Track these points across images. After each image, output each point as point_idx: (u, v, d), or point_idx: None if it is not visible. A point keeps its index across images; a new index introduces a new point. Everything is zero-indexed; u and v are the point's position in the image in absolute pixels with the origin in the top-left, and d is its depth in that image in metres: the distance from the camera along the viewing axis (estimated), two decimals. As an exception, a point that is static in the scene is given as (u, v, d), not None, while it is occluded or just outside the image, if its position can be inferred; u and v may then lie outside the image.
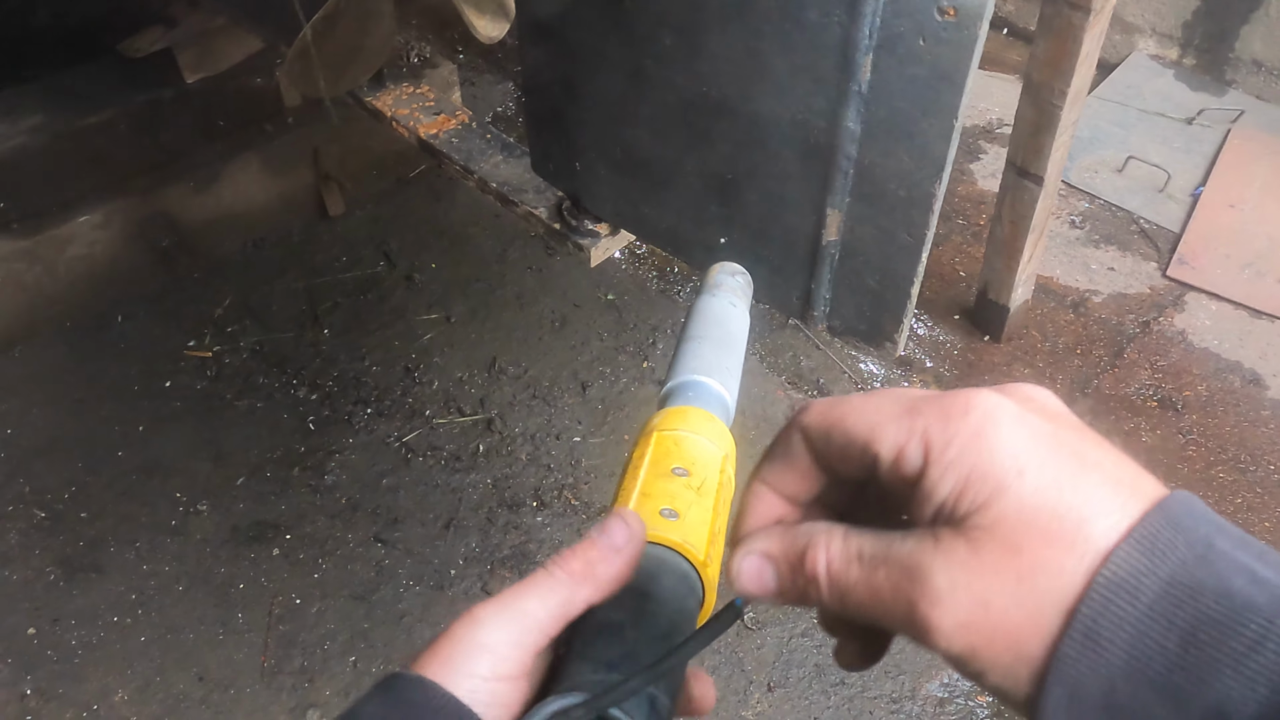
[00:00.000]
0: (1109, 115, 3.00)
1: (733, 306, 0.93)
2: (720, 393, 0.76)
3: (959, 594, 0.35)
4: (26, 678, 1.70)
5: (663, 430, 0.67)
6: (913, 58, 0.97)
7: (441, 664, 0.43)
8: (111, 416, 2.11)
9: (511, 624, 0.44)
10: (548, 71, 1.37)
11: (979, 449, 0.36)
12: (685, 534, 0.56)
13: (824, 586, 0.39)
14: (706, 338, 0.84)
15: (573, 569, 0.47)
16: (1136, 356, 2.32)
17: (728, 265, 1.03)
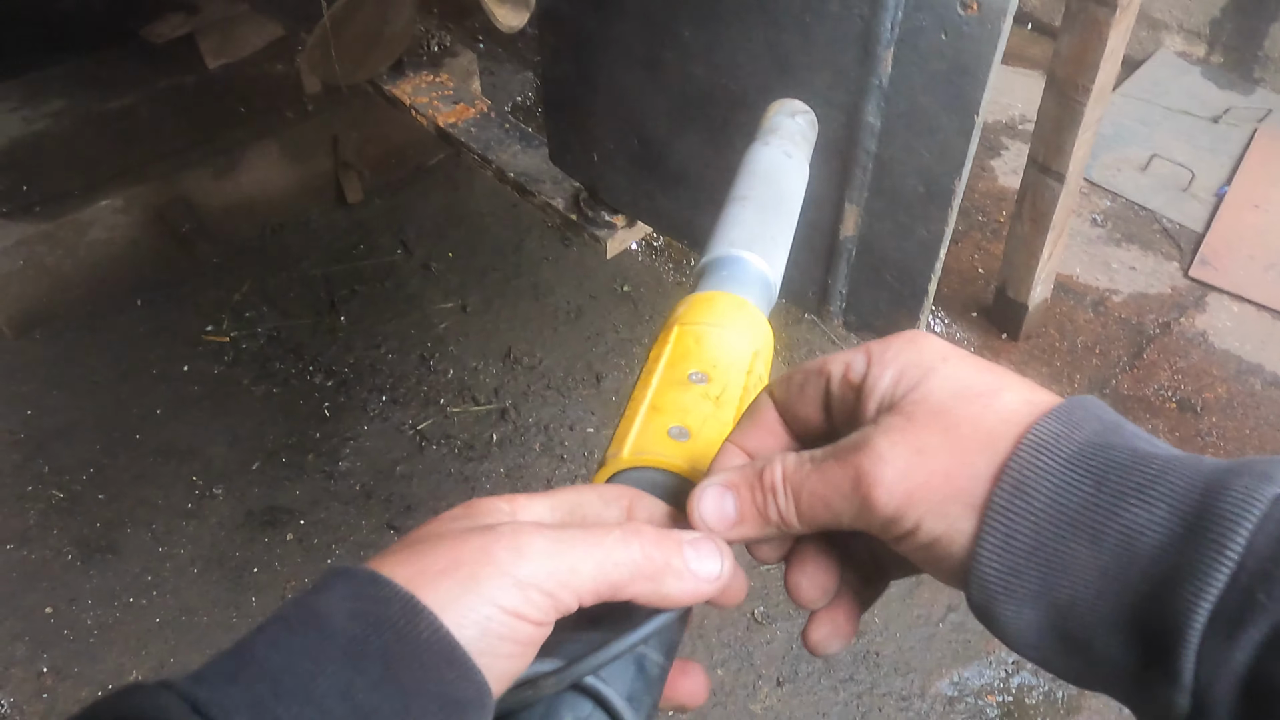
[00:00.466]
0: (1133, 112, 2.97)
1: (787, 157, 0.80)
2: (760, 270, 0.66)
3: (897, 450, 0.39)
4: (43, 656, 1.72)
5: (684, 324, 0.59)
6: (934, 52, 0.96)
7: (465, 579, 0.37)
8: (129, 399, 2.12)
9: (556, 574, 0.38)
10: (566, 61, 1.37)
11: (911, 349, 0.43)
12: (694, 458, 0.51)
13: (779, 493, 0.42)
14: (750, 199, 0.73)
15: (652, 557, 0.41)
16: (1156, 357, 2.30)
17: (788, 104, 0.88)
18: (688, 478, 0.50)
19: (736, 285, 0.64)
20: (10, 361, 2.19)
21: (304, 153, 2.48)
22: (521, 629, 0.38)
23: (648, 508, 0.46)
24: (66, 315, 2.28)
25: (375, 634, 0.35)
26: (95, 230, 2.24)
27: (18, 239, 2.14)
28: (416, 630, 0.35)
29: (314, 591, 0.37)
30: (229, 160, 2.38)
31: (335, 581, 0.37)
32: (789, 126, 0.84)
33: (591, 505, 0.45)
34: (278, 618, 0.36)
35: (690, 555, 0.42)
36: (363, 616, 0.35)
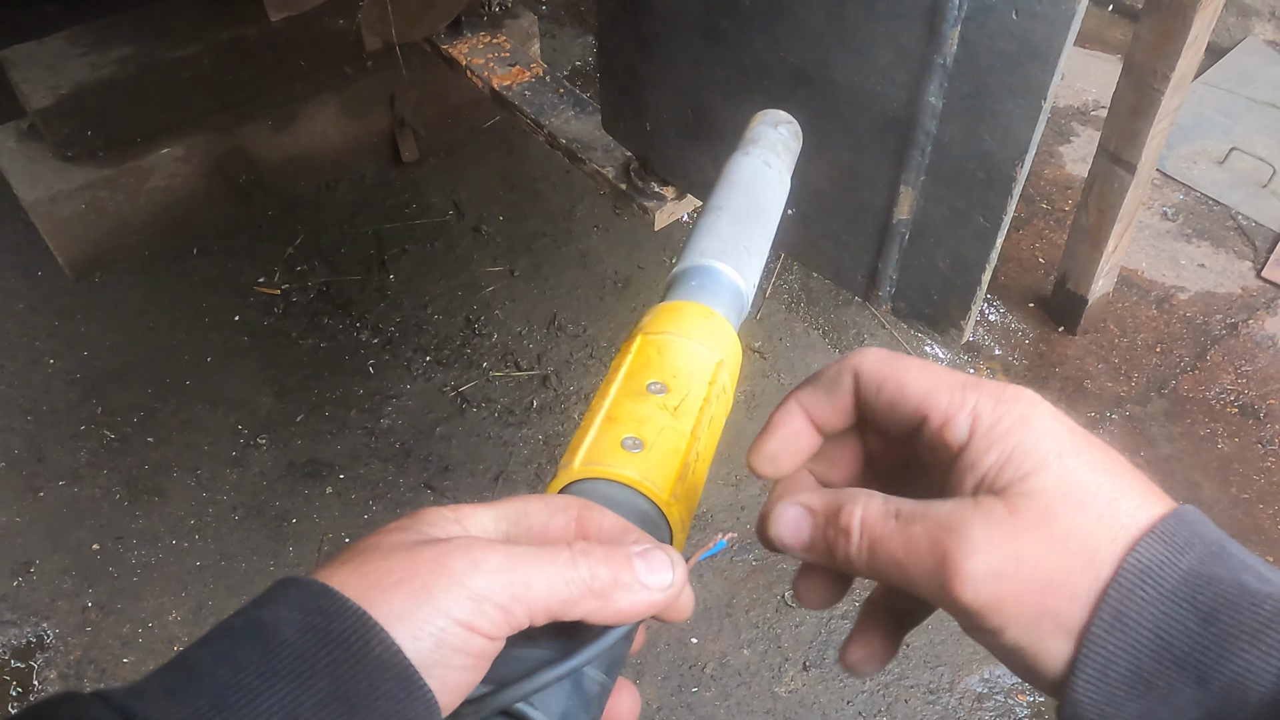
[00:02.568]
0: (1214, 102, 2.84)
1: (766, 167, 0.79)
2: (732, 280, 0.65)
3: (994, 545, 0.37)
4: (89, 590, 1.78)
5: (647, 334, 0.58)
6: (1003, 32, 0.92)
7: (419, 591, 0.36)
8: (182, 346, 2.17)
9: (509, 588, 0.38)
10: (623, 28, 1.34)
11: (1024, 429, 0.39)
12: (647, 469, 0.50)
13: (854, 538, 0.41)
14: (725, 209, 0.72)
15: (599, 576, 0.40)
16: (1220, 359, 2.22)
17: (771, 114, 0.87)
18: (638, 489, 0.49)
19: (705, 295, 0.63)
20: (71, 303, 2.24)
21: (361, 109, 2.49)
22: (475, 642, 0.37)
23: (596, 519, 0.45)
24: (125, 260, 2.32)
25: (324, 650, 0.34)
26: (156, 178, 2.28)
27: (81, 183, 2.18)
28: (367, 646, 0.34)
29: (263, 603, 0.36)
30: (288, 114, 2.40)
31: (285, 593, 0.36)
32: (770, 137, 0.83)
33: (538, 515, 0.44)
34: (224, 629, 0.35)
35: (640, 567, 0.41)
36: (312, 631, 0.35)
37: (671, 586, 0.42)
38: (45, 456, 1.96)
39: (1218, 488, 1.98)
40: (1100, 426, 2.09)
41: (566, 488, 0.51)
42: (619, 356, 0.58)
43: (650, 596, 0.41)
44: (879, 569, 0.40)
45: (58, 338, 2.17)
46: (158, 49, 2.23)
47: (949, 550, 0.37)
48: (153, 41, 2.24)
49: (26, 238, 2.28)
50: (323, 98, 2.42)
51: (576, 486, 0.50)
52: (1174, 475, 2.00)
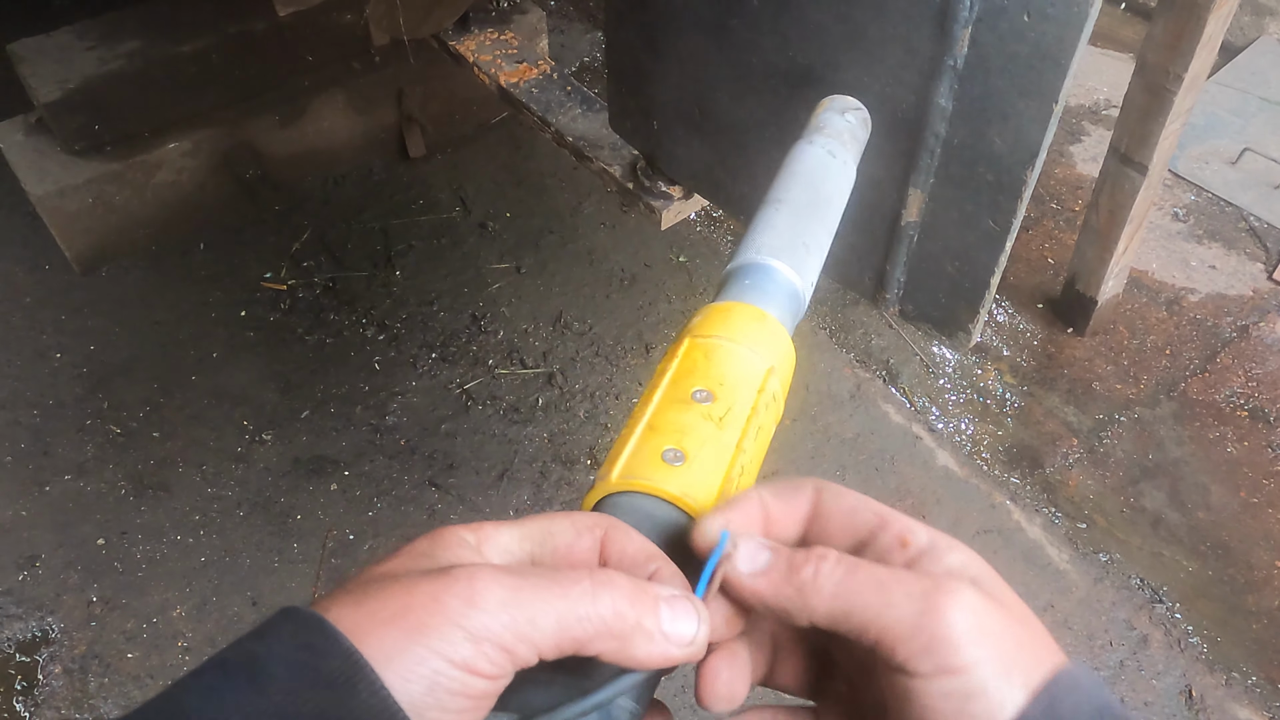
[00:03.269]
0: (1227, 102, 2.82)
1: (831, 157, 0.74)
2: (788, 279, 0.61)
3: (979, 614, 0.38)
4: (93, 585, 1.78)
5: (695, 337, 0.55)
6: (1015, 34, 0.91)
7: (412, 629, 0.34)
8: (188, 341, 2.17)
9: (514, 626, 0.35)
10: (630, 25, 1.33)
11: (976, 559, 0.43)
12: (688, 484, 0.47)
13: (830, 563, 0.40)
14: (785, 202, 0.67)
15: (623, 615, 0.38)
16: (1230, 362, 2.20)
17: (839, 100, 0.81)
18: (678, 504, 0.47)
19: (759, 296, 0.59)
20: (78, 297, 2.25)
21: (369, 105, 2.48)
22: (474, 684, 0.35)
23: (620, 541, 0.43)
24: (132, 254, 2.32)
25: (311, 690, 0.33)
26: (163, 172, 2.28)
27: (88, 177, 2.18)
28: (354, 689, 0.33)
29: (258, 635, 0.35)
30: (295, 109, 2.39)
31: (281, 625, 0.35)
32: (837, 124, 0.78)
33: (564, 535, 0.42)
34: (217, 661, 0.34)
35: (665, 615, 0.39)
36: (302, 669, 0.33)
37: (693, 644, 0.40)
38: (51, 450, 1.97)
39: (1227, 492, 1.97)
40: (1108, 429, 2.08)
41: (603, 500, 0.48)
42: (664, 360, 0.55)
43: (669, 650, 0.39)
44: (851, 594, 0.40)
45: (64, 332, 2.18)
46: (165, 43, 2.23)
47: (941, 581, 0.39)
48: (160, 36, 2.24)
49: (34, 231, 2.28)
50: (330, 93, 2.42)
51: (613, 500, 0.48)
52: (1183, 479, 1.99)
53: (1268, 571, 1.85)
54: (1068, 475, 2.00)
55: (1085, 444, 2.05)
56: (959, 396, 2.14)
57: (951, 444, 2.04)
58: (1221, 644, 1.76)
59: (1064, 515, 1.93)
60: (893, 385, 2.15)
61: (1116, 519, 1.93)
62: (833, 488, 0.45)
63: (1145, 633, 1.76)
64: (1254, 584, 1.84)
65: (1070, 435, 2.07)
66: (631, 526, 0.44)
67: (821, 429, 2.03)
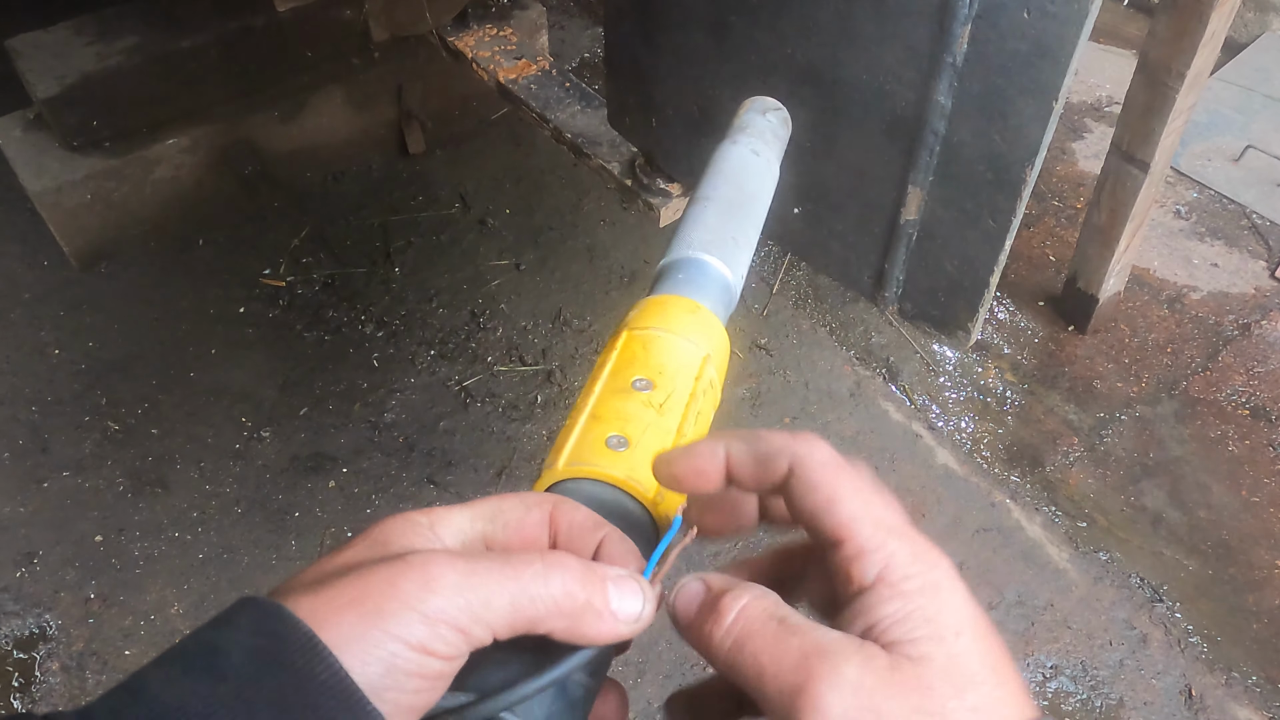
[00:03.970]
0: (1230, 99, 2.81)
1: (755, 156, 0.77)
2: (719, 272, 0.64)
3: (862, 691, 0.36)
4: (91, 582, 1.78)
5: (633, 329, 0.57)
6: (1015, 31, 0.90)
7: (370, 613, 0.35)
8: (186, 338, 2.16)
9: (468, 608, 0.37)
10: (629, 22, 1.33)
11: (932, 595, 0.38)
12: (632, 468, 0.49)
13: (724, 623, 0.39)
14: (713, 200, 0.71)
15: (573, 594, 0.39)
16: (1232, 360, 2.19)
17: (760, 101, 0.86)
18: (623, 488, 0.49)
19: (693, 289, 0.62)
20: (76, 293, 2.24)
21: (368, 101, 2.48)
22: (430, 664, 0.36)
23: (568, 513, 0.44)
24: (131, 251, 2.32)
25: (271, 674, 0.34)
26: (161, 169, 2.27)
27: (86, 173, 2.18)
28: (313, 671, 0.34)
29: (217, 624, 0.36)
30: (294, 105, 2.39)
31: (240, 614, 0.36)
32: (759, 124, 0.82)
33: (514, 511, 0.43)
34: (178, 650, 0.35)
35: (613, 594, 0.40)
36: (261, 654, 0.34)
37: (639, 620, 0.41)
38: (49, 447, 1.96)
39: (1228, 490, 1.96)
40: (1109, 427, 2.07)
41: (551, 488, 0.50)
42: (604, 353, 0.57)
43: (617, 627, 0.40)
44: (737, 665, 0.39)
45: (63, 328, 2.17)
46: (164, 39, 2.22)
47: (816, 676, 0.36)
48: (159, 31, 2.23)
49: (32, 227, 2.28)
50: (329, 89, 2.41)
51: (561, 486, 0.50)
52: (1184, 478, 1.98)
53: (1268, 571, 1.85)
54: (1068, 474, 1.99)
55: (1086, 442, 2.05)
56: (959, 394, 2.13)
57: (951, 442, 2.04)
58: (1222, 643, 1.75)
59: (1064, 514, 1.93)
60: (893, 383, 2.14)
61: (1117, 518, 1.93)
62: (806, 470, 0.41)
63: (1145, 632, 1.76)
64: (1254, 583, 1.83)
65: (1071, 433, 2.06)
66: None
67: (821, 427, 2.02)
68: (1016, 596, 1.79)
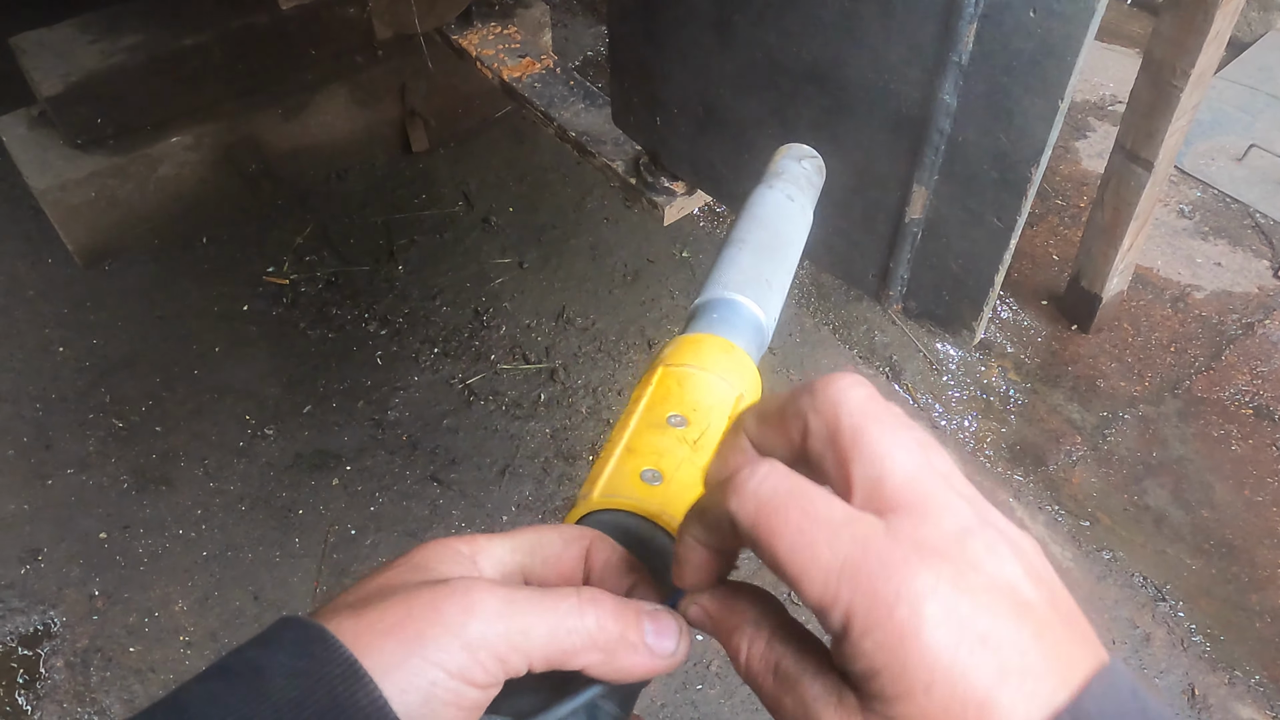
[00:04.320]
0: (1234, 98, 2.81)
1: (789, 201, 0.79)
2: (753, 313, 0.65)
3: None
4: (95, 579, 1.78)
5: (669, 365, 0.58)
6: (1020, 30, 0.90)
7: (411, 640, 0.36)
8: (190, 336, 2.16)
9: (507, 636, 0.37)
10: (634, 20, 1.33)
11: (896, 650, 0.33)
12: (665, 502, 0.50)
13: (740, 665, 0.40)
14: (748, 242, 0.72)
15: (608, 629, 0.39)
16: (1236, 359, 2.19)
17: (795, 148, 0.87)
18: (657, 522, 0.49)
19: (727, 329, 0.63)
20: (80, 291, 2.25)
21: (372, 99, 2.48)
22: (468, 694, 0.36)
23: (604, 553, 0.45)
24: (135, 248, 2.32)
25: (311, 698, 0.34)
26: (165, 166, 2.27)
27: (90, 171, 2.18)
28: (354, 698, 0.34)
29: (260, 643, 0.36)
30: (298, 103, 2.39)
31: (283, 634, 0.36)
32: (794, 171, 0.83)
33: (552, 545, 0.44)
34: (221, 668, 0.35)
35: (649, 629, 0.40)
36: (303, 676, 0.34)
37: (674, 655, 0.41)
38: (54, 444, 1.97)
39: (1231, 490, 1.96)
40: (1112, 426, 2.07)
41: (585, 518, 0.51)
42: (639, 387, 0.58)
43: (653, 662, 0.40)
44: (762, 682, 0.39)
45: (67, 325, 2.18)
46: (168, 37, 2.22)
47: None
48: (163, 29, 2.23)
49: (36, 225, 2.28)
50: (333, 87, 2.41)
51: (595, 517, 0.50)
52: (1187, 477, 1.98)
53: (1271, 570, 1.85)
54: (1071, 473, 1.99)
55: (1089, 441, 2.05)
56: (962, 393, 2.13)
57: (954, 441, 2.04)
58: (1225, 643, 1.75)
59: (1067, 513, 1.93)
60: (896, 382, 2.14)
61: (1120, 517, 1.93)
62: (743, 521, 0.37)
63: (1148, 631, 1.76)
64: (1258, 583, 1.83)
65: (1074, 433, 2.06)
66: None
67: (824, 425, 2.02)
68: (1019, 595, 1.79)
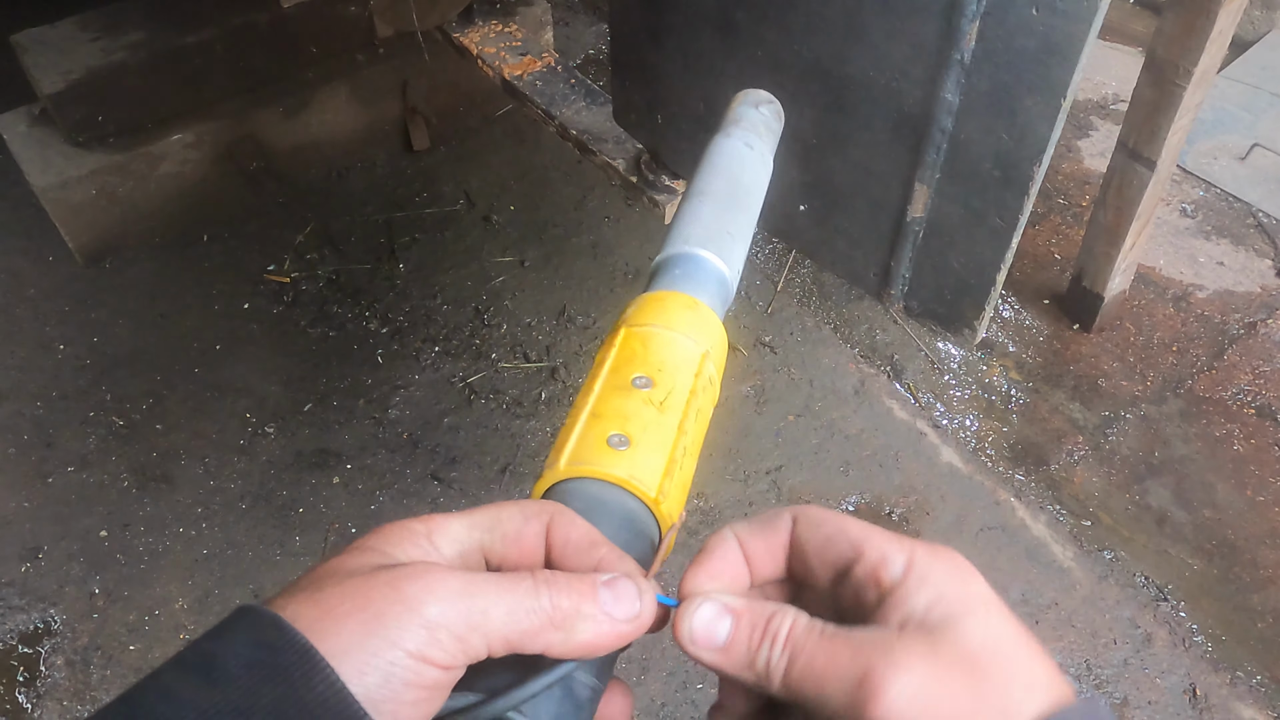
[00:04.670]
0: (1237, 97, 2.80)
1: (748, 149, 0.77)
2: (716, 267, 0.64)
3: (918, 671, 0.37)
4: (96, 577, 1.78)
5: (631, 326, 0.57)
6: (1023, 28, 0.90)
7: (370, 621, 0.35)
8: (191, 333, 2.16)
9: (465, 617, 0.37)
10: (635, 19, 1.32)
11: (956, 579, 0.40)
12: (634, 467, 0.49)
13: (777, 645, 0.40)
14: (707, 194, 0.70)
15: (560, 606, 0.39)
16: (1238, 359, 2.19)
17: (753, 94, 0.85)
18: (625, 488, 0.48)
19: (690, 284, 0.61)
20: (81, 288, 2.25)
21: (373, 97, 2.48)
22: (428, 673, 0.36)
23: (565, 528, 0.44)
24: (136, 246, 2.32)
25: (268, 686, 0.33)
26: (166, 164, 2.27)
27: (92, 169, 2.18)
28: (310, 684, 0.34)
29: (216, 634, 0.36)
30: (299, 100, 2.39)
31: (237, 623, 0.36)
32: (752, 117, 0.81)
33: (512, 521, 0.43)
34: (174, 661, 0.35)
35: (605, 597, 0.40)
36: (258, 666, 0.34)
37: (638, 618, 0.41)
38: (54, 442, 1.97)
39: (1233, 490, 1.95)
40: (1114, 426, 2.07)
41: (553, 487, 0.50)
42: (603, 350, 0.56)
43: (616, 628, 0.40)
44: (795, 684, 0.39)
45: (68, 323, 2.18)
46: (169, 34, 2.22)
47: (873, 667, 0.37)
48: (164, 27, 2.23)
49: (37, 223, 2.28)
50: (334, 85, 2.41)
51: (562, 486, 0.49)
52: (1189, 477, 1.98)
53: (1273, 570, 1.84)
54: (1073, 472, 1.99)
55: (1090, 441, 2.04)
56: (964, 392, 2.13)
57: (956, 440, 2.04)
58: (1226, 643, 1.75)
59: (1068, 512, 1.92)
60: (897, 381, 2.14)
61: (1121, 516, 1.92)
62: (810, 516, 0.44)
63: (1149, 631, 1.76)
64: (1260, 583, 1.83)
65: (1075, 432, 2.06)
66: (578, 513, 0.45)
67: (825, 425, 2.02)
68: (1020, 595, 1.79)
